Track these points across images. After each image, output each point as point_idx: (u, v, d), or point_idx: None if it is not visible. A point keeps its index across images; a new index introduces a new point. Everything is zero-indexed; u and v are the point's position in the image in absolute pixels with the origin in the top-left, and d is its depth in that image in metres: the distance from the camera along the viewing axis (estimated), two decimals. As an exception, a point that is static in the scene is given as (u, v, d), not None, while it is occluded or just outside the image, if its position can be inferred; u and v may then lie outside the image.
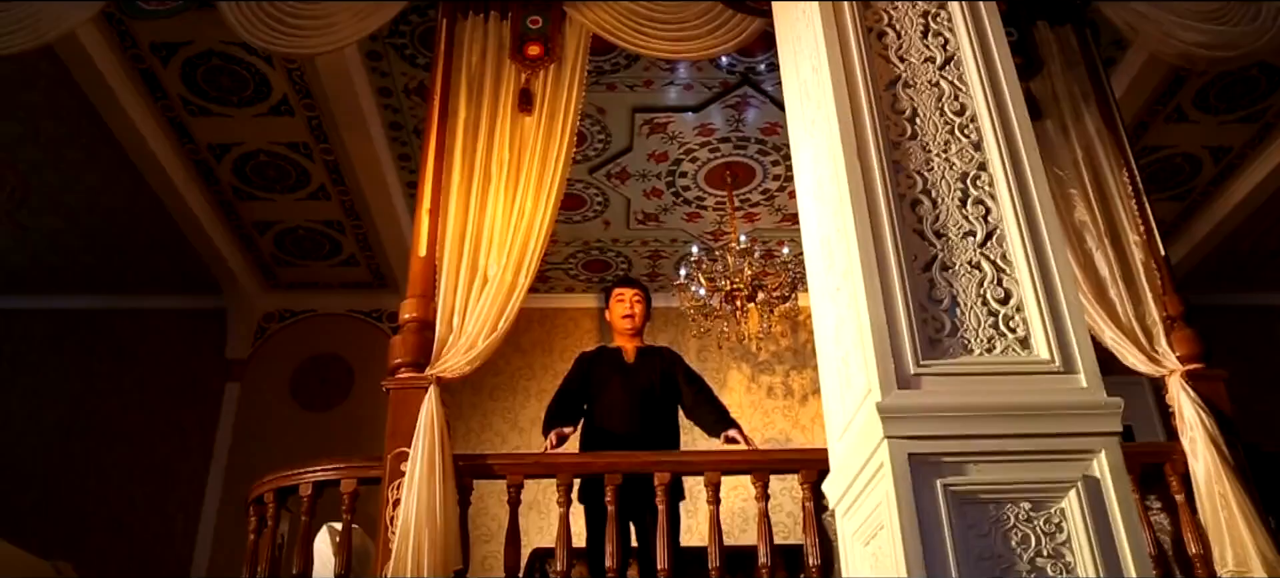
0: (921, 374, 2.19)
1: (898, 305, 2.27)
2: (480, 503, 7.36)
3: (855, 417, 2.35)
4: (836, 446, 2.56)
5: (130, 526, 7.20)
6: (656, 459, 3.72)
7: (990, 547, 2.00)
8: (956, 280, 2.33)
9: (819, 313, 2.77)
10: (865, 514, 2.27)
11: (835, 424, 2.57)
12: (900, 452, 2.06)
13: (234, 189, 6.71)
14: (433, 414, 3.64)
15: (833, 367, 2.62)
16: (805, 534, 3.66)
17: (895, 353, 2.20)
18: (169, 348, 7.90)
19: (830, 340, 2.64)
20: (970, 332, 2.26)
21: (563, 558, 3.55)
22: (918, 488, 2.02)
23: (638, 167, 6.58)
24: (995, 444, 2.08)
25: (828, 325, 2.68)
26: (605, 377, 4.39)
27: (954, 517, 2.01)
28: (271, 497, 3.82)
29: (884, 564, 2.15)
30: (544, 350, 8.06)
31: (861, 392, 2.30)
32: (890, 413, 2.10)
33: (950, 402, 2.13)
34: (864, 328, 2.27)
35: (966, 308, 2.29)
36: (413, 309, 3.96)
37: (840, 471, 2.45)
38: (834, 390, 2.60)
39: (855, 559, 2.37)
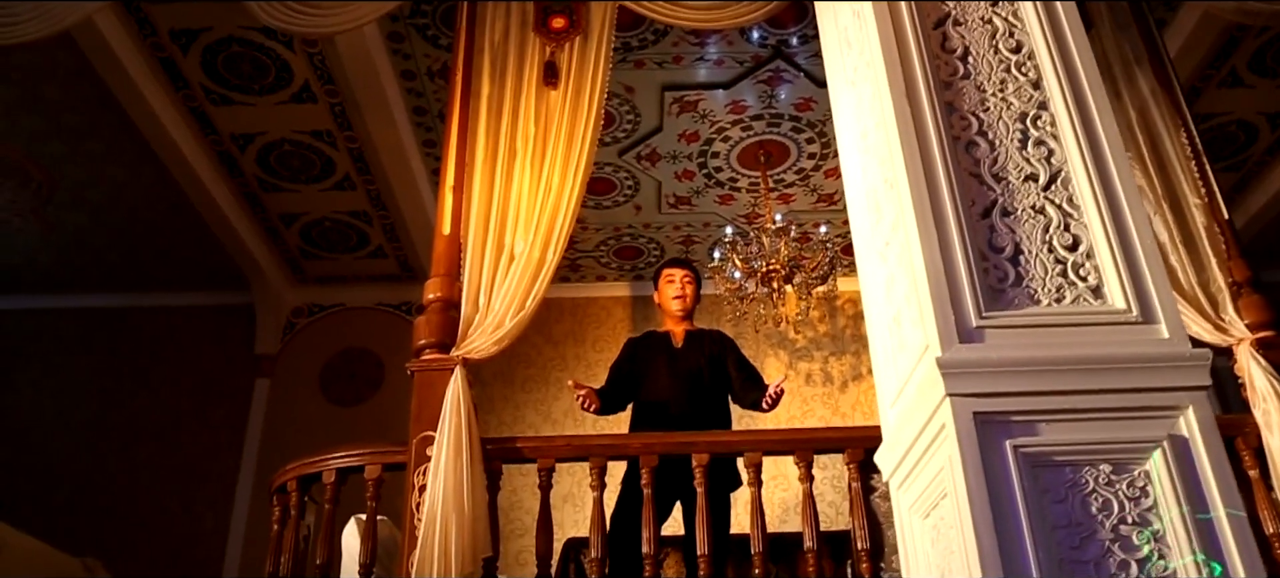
0: (985, 327, 1.99)
1: (956, 254, 2.07)
2: (514, 496, 7.25)
3: (911, 378, 2.15)
4: (889, 413, 2.36)
5: (160, 524, 7.13)
6: (694, 439, 3.53)
7: (1068, 513, 1.80)
8: (1019, 227, 2.13)
9: (866, 273, 2.58)
10: (924, 484, 2.08)
11: (887, 390, 2.38)
12: (964, 411, 1.87)
13: (259, 181, 6.61)
14: (459, 396, 3.49)
15: (883, 328, 2.43)
16: (852, 516, 3.46)
17: (955, 305, 2.01)
18: (197, 345, 7.83)
19: (880, 301, 2.45)
20: (1036, 281, 2.06)
21: (597, 545, 3.38)
22: (985, 450, 1.83)
23: (668, 147, 6.39)
24: (1069, 401, 1.89)
25: (876, 285, 2.48)
26: (652, 360, 4.20)
27: (1026, 481, 1.82)
28: (294, 485, 3.68)
29: (947, 537, 1.95)
30: (576, 341, 7.91)
31: (917, 350, 2.10)
32: (952, 368, 1.91)
33: (1017, 355, 1.94)
34: (919, 279, 2.08)
35: (1031, 256, 2.09)
36: (437, 289, 3.81)
37: (894, 439, 2.26)
38: (885, 354, 2.40)
39: (914, 535, 2.18)
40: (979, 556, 1.73)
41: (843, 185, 6.81)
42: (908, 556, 2.21)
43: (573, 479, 7.25)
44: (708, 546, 3.35)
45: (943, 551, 1.99)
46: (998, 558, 1.72)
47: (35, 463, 7.36)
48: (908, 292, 2.19)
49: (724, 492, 3.92)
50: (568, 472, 7.22)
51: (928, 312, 2.02)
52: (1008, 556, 1.73)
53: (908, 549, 2.21)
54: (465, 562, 3.18)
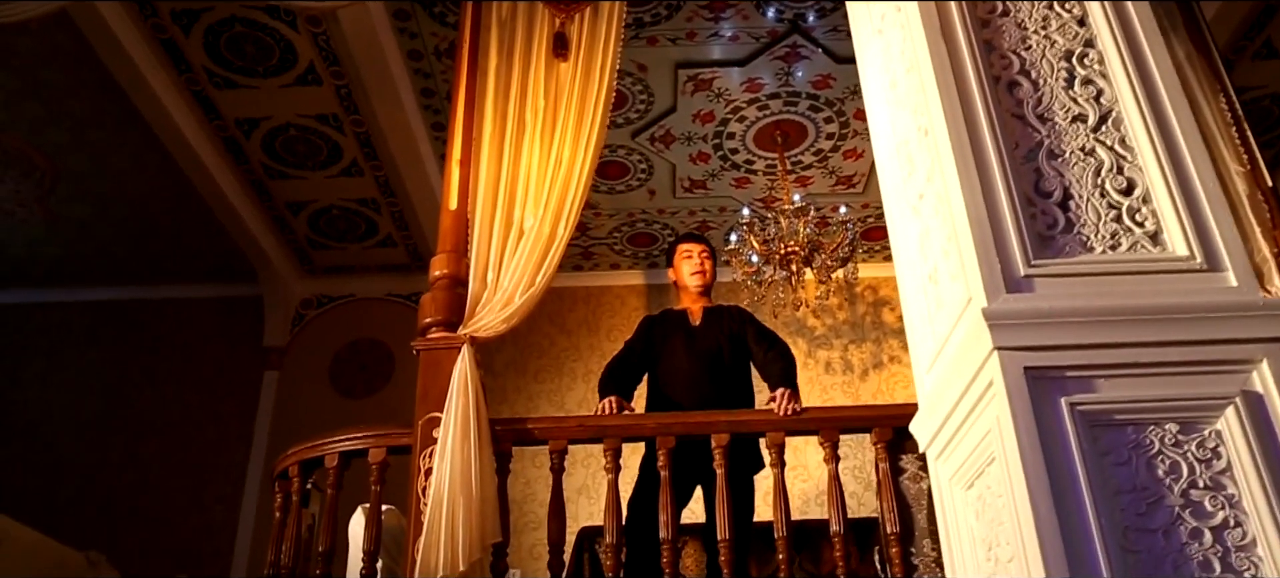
0: (1034, 276, 1.82)
1: (1000, 198, 1.90)
2: (527, 489, 7.10)
3: (951, 336, 1.98)
4: (926, 378, 2.19)
5: (168, 518, 7.02)
6: (712, 419, 3.36)
7: (1132, 477, 1.62)
8: (1068, 170, 1.95)
9: (898, 231, 2.40)
10: (968, 451, 1.90)
11: (923, 353, 2.20)
12: (1014, 366, 1.69)
13: (265, 167, 6.48)
14: (466, 375, 3.33)
15: (917, 288, 2.25)
16: (881, 499, 3.29)
17: (1000, 252, 1.83)
18: (205, 338, 7.72)
19: (913, 259, 2.28)
20: (1088, 227, 1.89)
21: (612, 531, 3.21)
22: (1038, 408, 1.66)
23: (682, 128, 6.22)
24: (1130, 355, 1.71)
25: (909, 242, 2.31)
26: (669, 340, 3.99)
27: (1084, 442, 1.64)
28: (296, 471, 3.54)
29: (994, 507, 1.78)
30: (590, 331, 7.75)
31: (958, 305, 1.93)
32: (1000, 319, 1.73)
33: (1071, 306, 1.76)
34: (960, 227, 1.90)
35: (1082, 200, 1.91)
36: (443, 265, 3.66)
37: (933, 405, 2.09)
38: (921, 316, 2.23)
39: (956, 508, 2.01)
40: (1035, 525, 1.55)
41: (863, 167, 6.67)
42: (949, 531, 2.03)
43: (587, 472, 7.10)
44: (728, 530, 3.18)
45: (989, 523, 1.82)
46: (1056, 526, 1.54)
47: (42, 458, 7.26)
48: (946, 243, 2.02)
49: (746, 475, 3.74)
50: (582, 463, 7.08)
51: (970, 261, 1.84)
52: (1067, 524, 1.55)
53: (949, 524, 2.04)
54: (473, 547, 3.03)
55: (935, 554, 3.35)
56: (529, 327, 7.66)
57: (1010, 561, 1.72)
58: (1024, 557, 1.62)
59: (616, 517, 3.23)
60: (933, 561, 3.35)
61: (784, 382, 3.57)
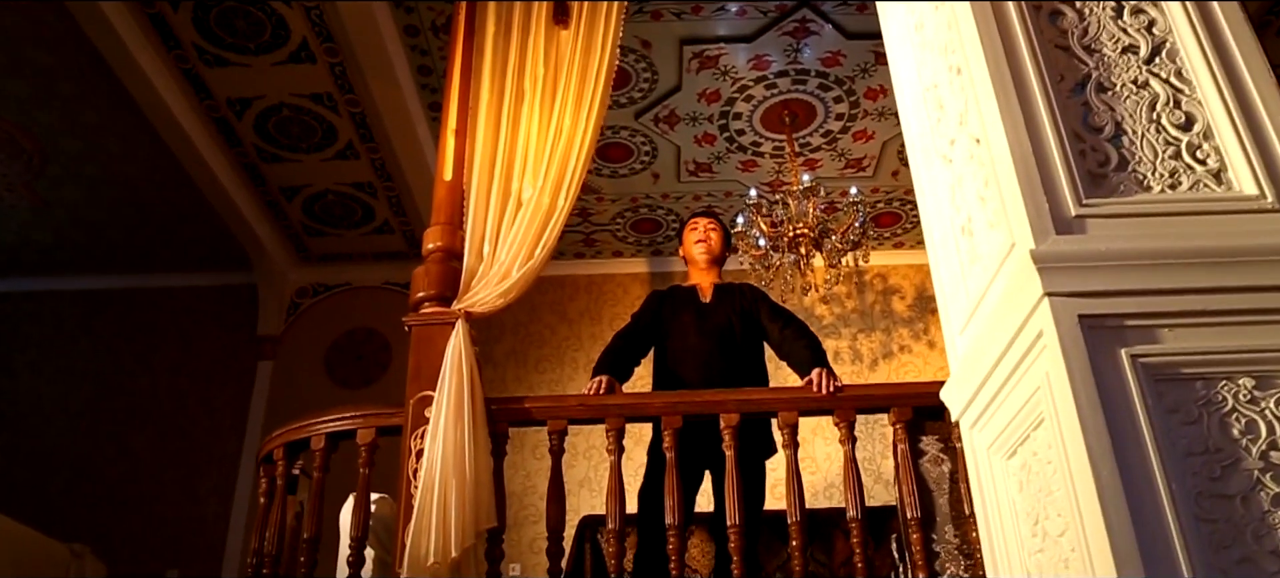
0: (1086, 216, 1.63)
1: (1045, 133, 1.70)
2: (527, 481, 6.91)
3: (989, 290, 1.79)
4: (959, 341, 2.00)
5: (160, 510, 6.84)
6: (721, 398, 3.17)
7: (1202, 437, 1.43)
8: (1119, 104, 1.76)
9: (925, 184, 2.21)
10: (1010, 414, 1.71)
11: (955, 314, 2.01)
12: (1067, 313, 1.50)
13: (258, 150, 6.29)
14: (460, 351, 3.15)
15: (948, 243, 2.06)
16: (901, 484, 3.10)
17: (1049, 191, 1.64)
18: (199, 327, 7.55)
19: (944, 211, 2.08)
20: (1145, 165, 1.69)
21: (614, 516, 3.02)
22: (1095, 361, 1.46)
23: (687, 108, 6.03)
24: (1196, 302, 1.52)
25: (939, 194, 2.12)
26: (678, 316, 3.77)
27: (1148, 398, 1.45)
28: (281, 454, 3.35)
29: (1042, 474, 1.59)
30: (592, 320, 7.55)
31: (999, 253, 1.74)
32: (1050, 262, 1.54)
33: (1129, 247, 1.57)
34: (1001, 166, 1.71)
35: (1136, 136, 1.72)
36: (437, 238, 3.48)
37: (967, 370, 1.89)
38: (952, 273, 2.04)
39: (995, 480, 1.81)
40: (1096, 490, 1.36)
41: (873, 150, 6.47)
42: (987, 507, 1.84)
43: (589, 464, 6.92)
44: (738, 515, 2.99)
45: (1035, 494, 1.63)
46: (1121, 493, 1.35)
47: (32, 449, 7.09)
48: (982, 188, 1.83)
49: (757, 460, 3.54)
50: (583, 455, 6.89)
51: (1013, 202, 1.65)
52: (1132, 490, 1.36)
53: (986, 499, 1.84)
54: (466, 533, 2.84)
55: (958, 541, 3.16)
56: (530, 316, 7.49)
57: (1062, 534, 1.53)
58: (1080, 528, 1.43)
59: (619, 500, 3.04)
60: (954, 548, 3.15)
61: (816, 362, 3.36)
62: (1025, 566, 1.69)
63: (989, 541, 1.83)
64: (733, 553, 2.95)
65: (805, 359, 3.47)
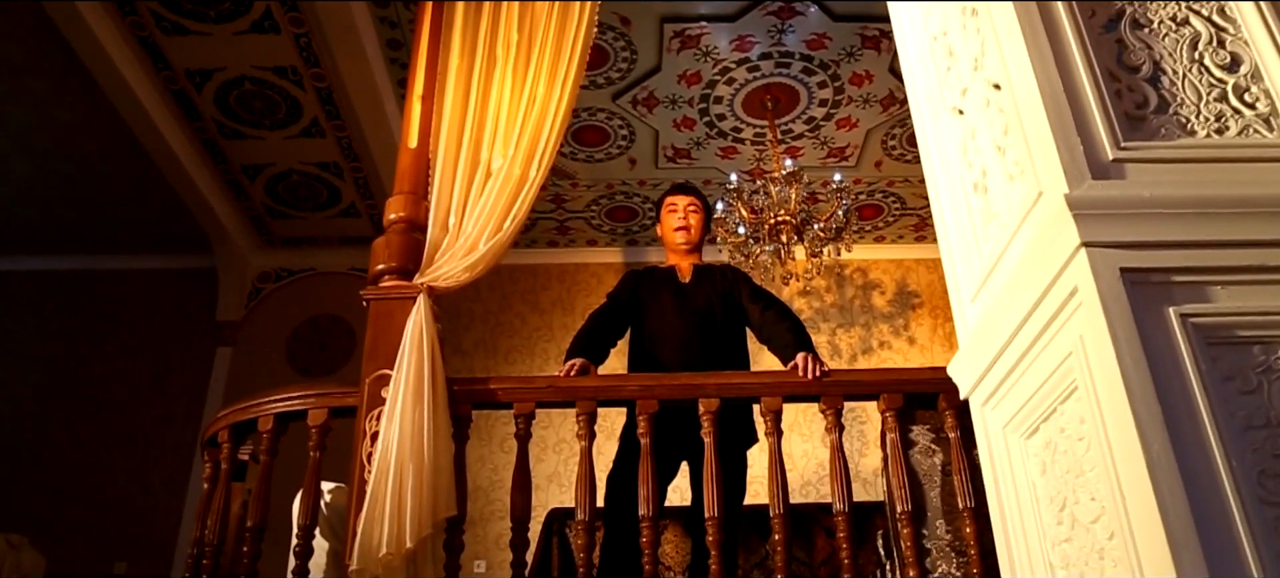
0: (1124, 160, 1.43)
1: (1076, 69, 1.51)
2: (494, 475, 6.67)
3: (1009, 247, 1.59)
4: (969, 310, 1.80)
5: (110, 501, 6.54)
6: (700, 381, 2.96)
7: (1263, 409, 1.24)
8: (1157, 42, 1.57)
9: (931, 141, 2.02)
10: (1032, 387, 1.52)
11: (966, 280, 1.81)
12: (1107, 266, 1.30)
13: (218, 125, 6.02)
14: (422, 327, 2.93)
15: (958, 203, 1.86)
16: (890, 475, 2.90)
17: (1082, 132, 1.45)
18: (155, 311, 7.25)
19: (953, 170, 1.89)
20: (1187, 107, 1.50)
21: (584, 507, 2.81)
22: (1140, 321, 1.27)
23: (667, 90, 5.82)
24: (1253, 256, 1.33)
25: (948, 149, 1.92)
26: (655, 297, 3.56)
27: (1202, 363, 1.26)
28: (226, 436, 3.11)
29: (1072, 453, 1.39)
30: (564, 310, 7.33)
31: (1022, 204, 1.54)
32: (1088, 208, 1.34)
33: (1177, 194, 1.37)
34: (1027, 107, 1.52)
35: (1177, 77, 1.53)
36: (400, 208, 3.26)
37: (979, 340, 1.70)
38: (961, 236, 1.84)
39: (1012, 462, 1.62)
40: (1147, 467, 1.16)
41: (856, 138, 6.29)
42: (1001, 494, 1.64)
43: (559, 457, 6.70)
44: (717, 508, 2.78)
45: (1062, 475, 1.43)
46: (1175, 469, 1.16)
47: (-25, 435, 6.78)
48: (1002, 136, 1.63)
49: (738, 449, 3.34)
50: (553, 449, 6.67)
51: (1042, 146, 1.46)
52: (1187, 468, 1.17)
53: (1000, 485, 1.64)
54: (423, 522, 2.61)
55: (950, 537, 2.97)
56: (501, 305, 7.25)
57: (1096, 521, 1.33)
58: (1122, 513, 1.24)
59: (589, 489, 2.83)
60: (947, 544, 2.97)
61: (801, 346, 3.16)
62: (1047, 558, 1.50)
63: (1003, 532, 1.63)
64: (711, 548, 2.74)
65: (789, 343, 3.27)
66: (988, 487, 1.71)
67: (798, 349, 3.14)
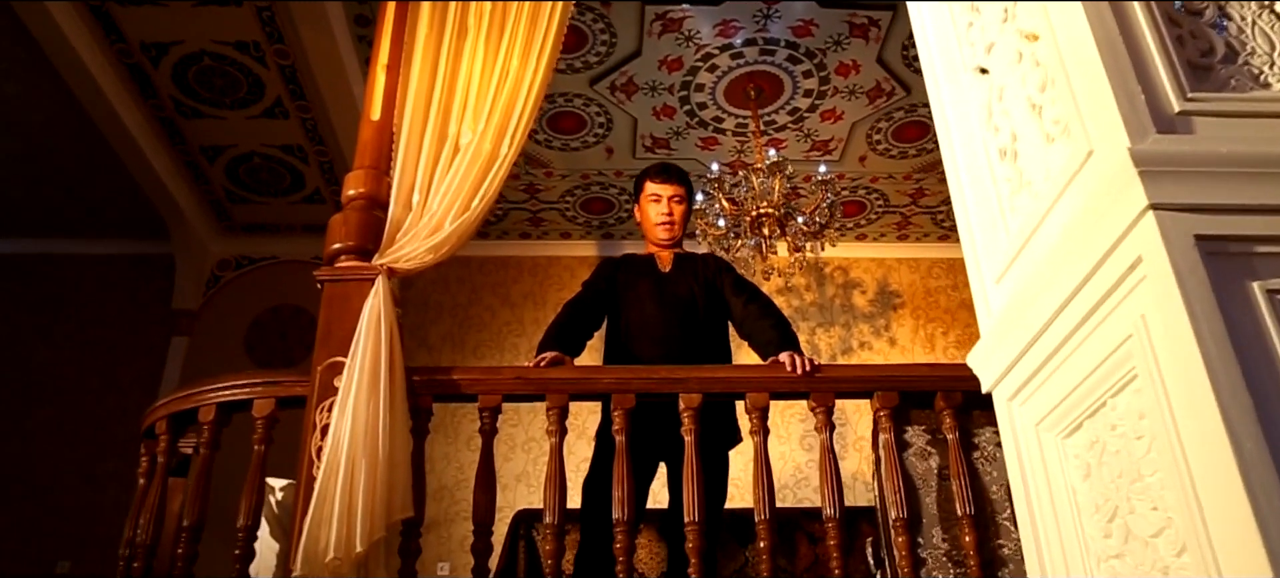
0: (1191, 113, 1.23)
1: (1133, 12, 1.31)
2: (459, 474, 6.41)
3: (1048, 218, 1.39)
4: (995, 293, 1.60)
5: (55, 498, 6.22)
6: (681, 375, 2.74)
7: (1369, 403, 1.04)
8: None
9: (949, 106, 1.81)
10: (1075, 379, 1.31)
11: (991, 259, 1.61)
12: (1179, 232, 1.10)
13: (176, 103, 5.73)
14: (380, 312, 2.69)
15: (980, 174, 1.66)
16: (884, 479, 2.70)
17: (1143, 81, 1.24)
18: (108, 298, 6.94)
19: (975, 136, 1.68)
20: (1259, 56, 1.30)
21: (553, 509, 2.58)
22: (1221, 296, 1.06)
23: (647, 77, 5.60)
24: (1347, 225, 1.12)
25: (967, 117, 1.72)
26: (634, 286, 3.33)
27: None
28: (164, 427, 2.86)
29: (1126, 454, 1.19)
30: (536, 304, 7.09)
31: (1066, 166, 1.34)
32: (1156, 165, 1.14)
33: (1254, 152, 1.17)
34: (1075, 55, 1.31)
35: (1245, 22, 1.33)
36: (360, 183, 3.02)
37: (1008, 327, 1.49)
38: (985, 210, 1.64)
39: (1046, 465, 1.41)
40: (1239, 469, 0.96)
41: (841, 132, 6.10)
42: (1032, 499, 1.44)
43: (528, 456, 6.46)
44: (698, 511, 2.56)
45: (1113, 480, 1.23)
46: (1274, 471, 0.95)
47: (-88, 425, 6.43)
48: (1039, 93, 1.43)
49: (720, 448, 3.12)
50: (522, 447, 6.43)
51: (1095, 97, 1.25)
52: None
53: (1033, 489, 1.44)
54: (375, 524, 2.38)
55: (947, 546, 2.77)
56: (470, 298, 7.01)
57: (1158, 534, 1.13)
58: (1197, 524, 1.03)
59: (559, 490, 2.60)
60: (943, 554, 2.77)
61: (785, 343, 2.95)
62: (1090, 576, 1.29)
63: (1035, 545, 1.42)
64: (690, 555, 2.53)
65: (772, 339, 3.05)
66: (1016, 493, 1.50)
67: (782, 348, 2.93)
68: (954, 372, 3.17)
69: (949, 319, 7.19)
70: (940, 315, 7.21)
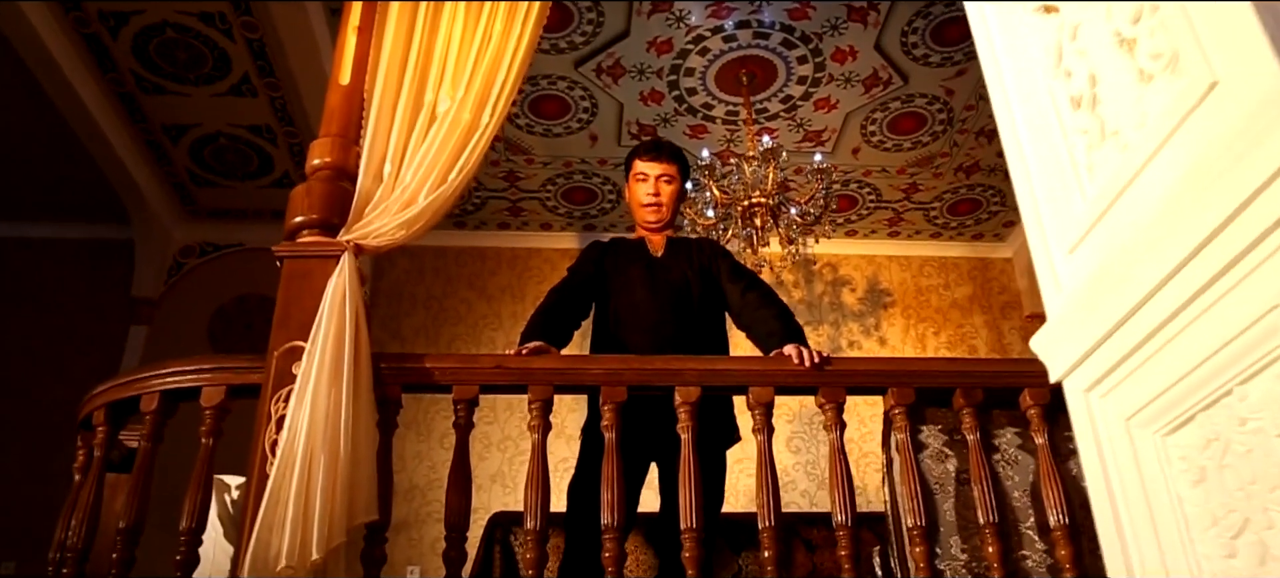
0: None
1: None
2: (433, 473, 6.13)
3: (1149, 166, 1.15)
4: (1066, 265, 1.36)
5: (3, 492, 5.88)
6: (678, 366, 2.49)
7: None
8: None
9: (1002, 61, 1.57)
10: (1188, 363, 1.07)
11: (1065, 223, 1.37)
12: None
13: (137, 77, 5.42)
14: (345, 292, 2.42)
15: (1045, 127, 1.42)
16: (900, 483, 2.47)
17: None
18: (62, 284, 6.62)
19: (1038, 84, 1.45)
20: None
21: (535, 511, 2.32)
22: None
23: (635, 59, 5.35)
24: None
25: (1027, 65, 1.48)
26: (624, 272, 3.08)
27: None
28: (103, 416, 2.57)
29: (1261, 455, 0.95)
30: (514, 297, 6.82)
31: (1175, 103, 1.10)
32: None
33: None
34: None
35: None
36: (326, 152, 2.76)
37: (1088, 303, 1.25)
38: (1055, 166, 1.40)
39: (1139, 467, 1.18)
40: None
41: (835, 122, 5.86)
42: (1121, 506, 1.20)
43: (504, 456, 6.19)
44: (696, 517, 2.31)
45: (1240, 485, 1.00)
46: None
47: None
48: (1132, 22, 1.20)
49: (717, 449, 2.88)
50: (498, 445, 6.16)
51: (1224, 15, 1.01)
52: None
53: (1122, 496, 1.20)
54: (335, 527, 2.11)
55: (965, 557, 2.54)
56: (445, 289, 6.73)
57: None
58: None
59: (542, 491, 2.34)
60: (962, 566, 2.53)
61: (790, 336, 2.70)
62: (1203, 603, 1.05)
63: (1124, 564, 1.18)
64: (687, 565, 2.27)
65: (774, 330, 2.80)
66: (1096, 501, 1.26)
67: (786, 340, 2.68)
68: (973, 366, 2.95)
69: (940, 319, 6.99)
70: (932, 315, 7.01)
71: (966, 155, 6.18)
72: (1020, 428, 2.66)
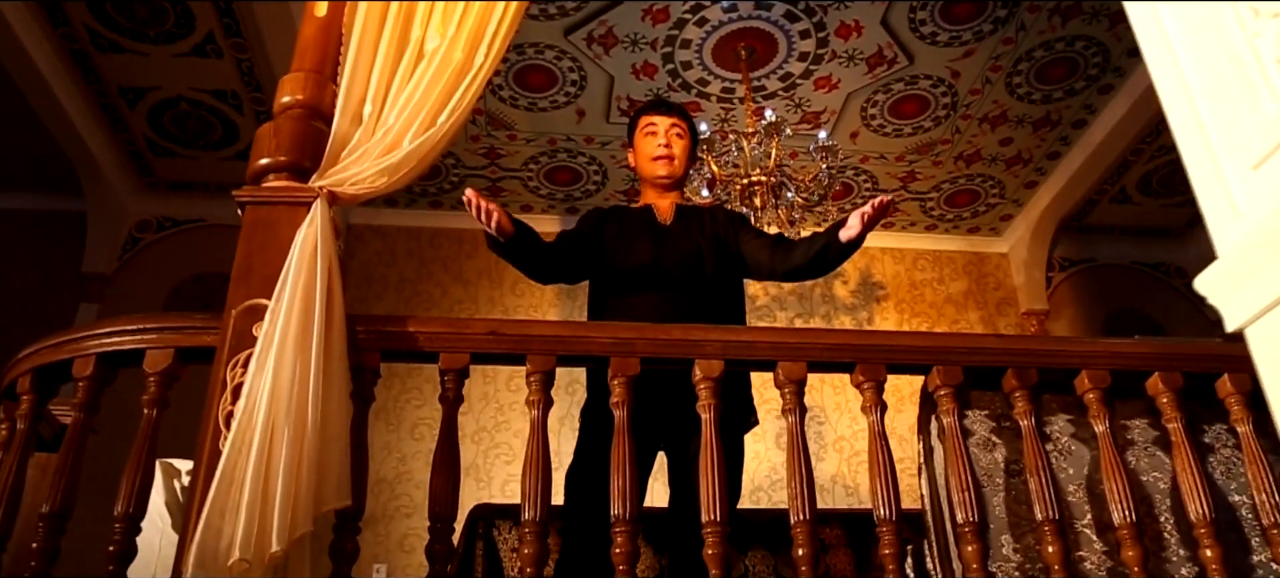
0: None
1: None
2: (402, 466, 5.79)
3: None
4: (1250, 183, 1.07)
5: (-66, 478, 5.46)
6: (698, 337, 2.18)
7: None
8: None
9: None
10: None
11: (1248, 133, 1.08)
12: None
13: (91, 33, 5.02)
14: (315, 243, 2.10)
15: (1214, 23, 1.13)
16: (950, 474, 2.18)
17: None
18: (9, 258, 6.20)
19: None
20: None
21: (534, 500, 2.00)
22: None
23: (628, 27, 5.03)
24: None
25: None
26: (628, 240, 2.75)
27: None
28: (28, 383, 2.22)
29: None
30: (492, 282, 6.49)
31: None
32: None
33: None
34: None
35: None
36: (298, 88, 2.42)
37: None
38: (1229, 66, 1.11)
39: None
40: None
41: (835, 102, 5.57)
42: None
43: (479, 448, 5.85)
44: (719, 509, 2.00)
45: None
46: None
47: None
48: None
49: (735, 433, 2.58)
50: (473, 438, 5.83)
51: None
52: None
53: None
54: (300, 514, 1.78)
55: (1018, 559, 2.25)
56: (419, 272, 6.38)
57: None
58: None
59: (541, 476, 2.03)
60: (1015, 567, 2.25)
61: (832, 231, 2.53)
62: None
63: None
64: (710, 563, 1.97)
65: (817, 236, 2.59)
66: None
67: (834, 231, 2.51)
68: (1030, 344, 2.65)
69: (935, 315, 6.75)
70: (926, 310, 6.77)
71: (968, 143, 5.92)
72: (1073, 415, 2.39)
